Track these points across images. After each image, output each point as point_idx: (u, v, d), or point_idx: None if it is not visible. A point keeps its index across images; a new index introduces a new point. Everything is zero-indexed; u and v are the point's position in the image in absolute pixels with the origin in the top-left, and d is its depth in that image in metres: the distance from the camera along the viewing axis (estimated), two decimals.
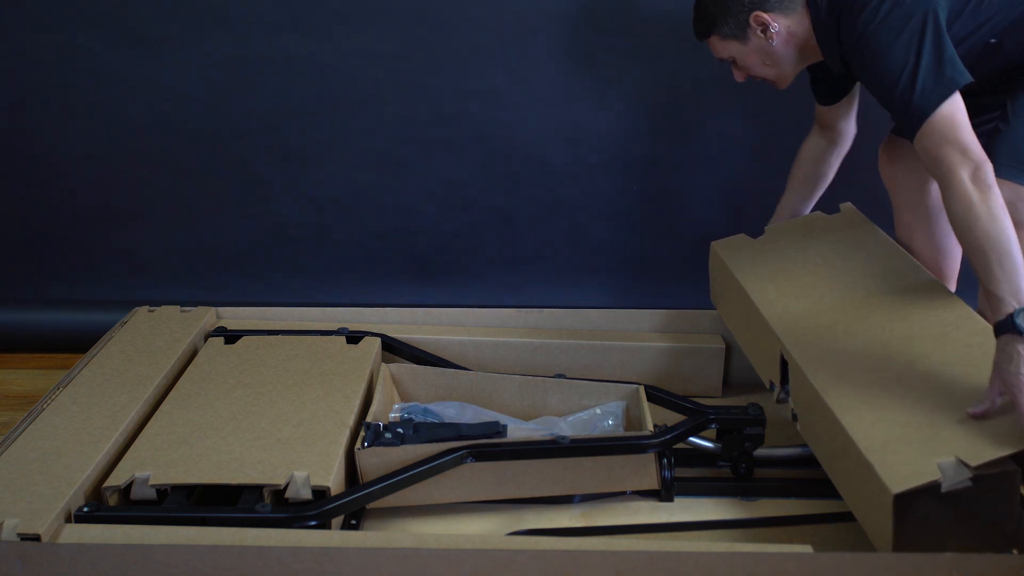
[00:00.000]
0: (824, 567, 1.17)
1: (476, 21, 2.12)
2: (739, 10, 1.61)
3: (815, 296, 1.65)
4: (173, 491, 1.39)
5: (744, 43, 1.65)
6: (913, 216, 1.85)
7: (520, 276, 2.38)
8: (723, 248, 1.88)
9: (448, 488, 1.52)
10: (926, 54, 1.41)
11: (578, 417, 1.71)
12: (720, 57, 1.71)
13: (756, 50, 1.65)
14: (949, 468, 1.21)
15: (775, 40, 1.62)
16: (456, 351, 1.93)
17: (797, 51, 1.65)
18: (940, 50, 1.42)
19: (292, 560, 1.16)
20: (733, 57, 1.69)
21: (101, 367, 1.72)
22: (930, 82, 1.40)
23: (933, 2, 1.44)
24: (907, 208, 1.86)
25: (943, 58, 1.41)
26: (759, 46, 1.64)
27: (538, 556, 1.20)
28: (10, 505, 1.31)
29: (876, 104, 1.79)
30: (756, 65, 1.68)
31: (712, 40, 1.69)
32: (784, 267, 1.75)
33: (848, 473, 1.36)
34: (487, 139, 2.23)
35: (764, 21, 1.61)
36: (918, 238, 1.85)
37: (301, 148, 2.25)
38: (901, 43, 1.43)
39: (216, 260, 2.37)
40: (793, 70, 1.70)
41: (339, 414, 1.57)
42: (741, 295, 1.74)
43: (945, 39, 1.43)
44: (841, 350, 1.50)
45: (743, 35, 1.64)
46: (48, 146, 2.25)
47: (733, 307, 1.83)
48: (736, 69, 1.72)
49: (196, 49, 2.14)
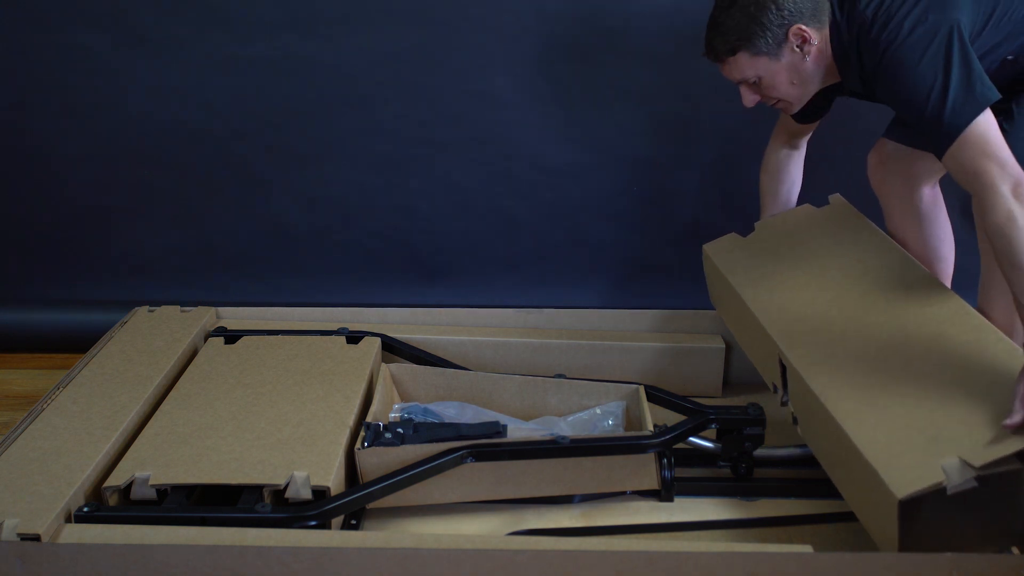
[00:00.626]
0: (824, 567, 1.17)
1: (476, 21, 2.12)
2: (777, 22, 1.52)
3: (809, 297, 1.64)
4: (173, 491, 1.39)
5: (776, 59, 1.56)
6: (905, 221, 1.85)
7: (520, 276, 2.38)
8: (714, 251, 1.87)
9: (448, 488, 1.52)
10: (955, 71, 1.39)
11: (578, 417, 1.71)
12: (737, 78, 1.62)
13: (787, 67, 1.57)
14: (953, 470, 1.20)
15: (809, 56, 1.55)
16: (456, 351, 1.93)
17: (824, 69, 1.59)
18: (968, 66, 1.40)
19: (292, 560, 1.16)
20: (759, 76, 1.59)
21: (101, 367, 1.72)
22: (961, 99, 1.38)
23: (955, 19, 1.42)
24: (898, 213, 1.85)
25: (972, 74, 1.39)
26: (792, 63, 1.56)
27: (538, 556, 1.20)
28: (10, 505, 1.31)
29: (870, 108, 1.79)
30: (783, 85, 1.59)
31: (738, 58, 1.57)
32: (777, 268, 1.75)
33: (852, 478, 1.36)
34: (487, 139, 2.23)
35: (804, 35, 1.52)
36: (910, 243, 1.85)
37: (301, 148, 2.25)
38: (928, 60, 1.41)
39: (216, 260, 2.37)
40: (814, 91, 1.64)
41: (339, 414, 1.57)
42: (736, 299, 1.74)
43: (972, 55, 1.41)
44: (838, 352, 1.49)
45: (777, 51, 1.55)
46: (48, 146, 2.25)
47: (730, 309, 1.83)
48: (749, 91, 1.63)
49: (196, 49, 2.14)
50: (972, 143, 1.38)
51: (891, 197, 1.85)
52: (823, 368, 1.47)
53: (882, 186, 1.86)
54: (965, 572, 1.11)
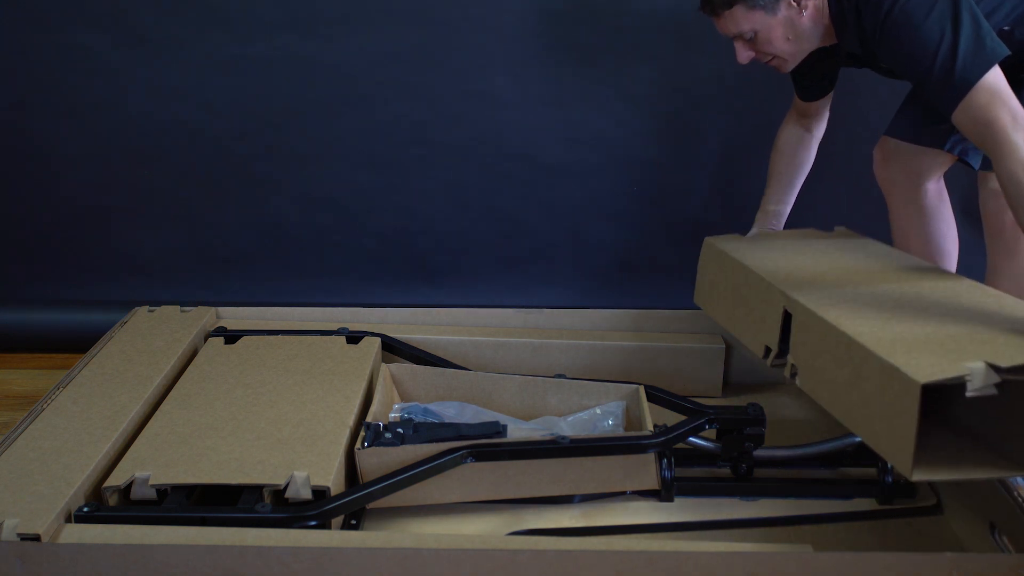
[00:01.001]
0: (824, 567, 1.17)
1: (476, 21, 2.12)
2: None
3: (819, 271, 1.60)
4: (173, 491, 1.39)
5: (772, 15, 1.57)
6: (909, 218, 1.85)
7: (520, 276, 2.38)
8: (717, 240, 1.85)
9: (448, 488, 1.52)
10: (964, 26, 1.40)
11: (578, 417, 1.71)
12: (732, 32, 1.62)
13: (783, 23, 1.58)
14: (978, 372, 1.14)
15: (806, 12, 1.56)
16: (456, 351, 1.93)
17: (821, 28, 1.60)
18: (977, 23, 1.40)
19: (292, 560, 1.16)
20: (754, 30, 1.59)
21: (101, 367, 1.72)
22: (971, 53, 1.39)
23: None
24: (903, 209, 1.86)
25: (981, 29, 1.40)
26: (788, 18, 1.57)
27: (538, 556, 1.20)
28: (10, 505, 1.30)
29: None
30: (778, 40, 1.60)
31: (734, 11, 1.58)
32: (784, 255, 1.71)
33: (863, 397, 1.28)
34: (487, 139, 2.23)
35: None
36: (915, 239, 1.85)
37: (301, 148, 2.25)
38: (934, 18, 1.41)
39: (216, 260, 2.37)
40: (809, 49, 1.64)
41: (339, 414, 1.57)
42: (736, 273, 1.69)
43: (979, 12, 1.41)
44: (851, 299, 1.44)
45: (774, 5, 1.56)
46: (48, 146, 2.25)
47: (724, 295, 1.78)
48: (744, 47, 1.64)
49: (196, 49, 2.15)
50: (984, 95, 1.38)
51: (896, 193, 1.86)
52: (835, 306, 1.41)
53: (887, 182, 1.87)
54: (965, 572, 1.11)
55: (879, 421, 1.25)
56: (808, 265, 1.64)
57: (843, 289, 1.50)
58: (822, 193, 1.93)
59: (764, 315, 1.59)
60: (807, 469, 1.63)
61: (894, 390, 1.20)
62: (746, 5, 1.57)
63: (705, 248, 1.89)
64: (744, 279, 1.67)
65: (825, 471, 1.64)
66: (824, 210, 2.15)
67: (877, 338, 1.28)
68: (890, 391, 1.21)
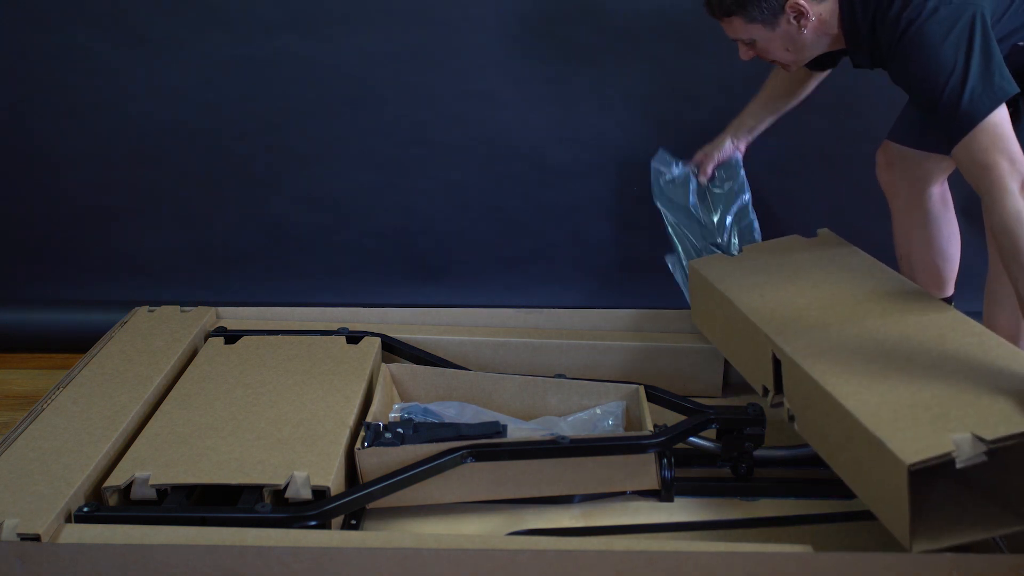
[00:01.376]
0: (824, 567, 1.17)
1: (476, 21, 2.12)
2: None
3: (803, 303, 1.61)
4: (173, 491, 1.39)
5: (771, 29, 1.56)
6: (912, 221, 1.84)
7: (520, 276, 2.38)
8: (701, 265, 1.85)
9: (448, 488, 1.52)
10: (976, 58, 1.37)
11: (578, 417, 1.71)
12: (735, 37, 1.62)
13: (782, 36, 1.57)
14: (964, 443, 1.16)
15: (807, 28, 1.54)
16: (456, 351, 1.93)
17: (826, 39, 1.58)
18: (989, 55, 1.38)
19: (292, 560, 1.16)
20: (753, 40, 1.59)
21: (101, 367, 1.72)
22: (979, 89, 1.36)
23: (980, 4, 1.40)
24: (906, 213, 1.85)
25: (992, 64, 1.37)
26: (787, 33, 1.56)
27: (538, 556, 1.20)
28: (10, 505, 1.30)
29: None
30: (777, 51, 1.60)
31: (733, 21, 1.58)
32: (768, 279, 1.72)
33: (856, 461, 1.31)
34: (487, 139, 2.23)
35: (801, 9, 1.51)
36: (917, 243, 1.85)
37: (301, 148, 2.25)
38: (950, 43, 1.38)
39: (216, 260, 2.37)
40: (812, 56, 1.63)
41: (339, 414, 1.57)
42: (725, 306, 1.71)
43: (993, 44, 1.39)
44: (835, 345, 1.46)
45: (773, 21, 1.55)
46: (48, 146, 2.25)
47: (717, 321, 1.79)
48: (746, 49, 1.63)
49: (196, 49, 2.14)
50: (985, 136, 1.36)
51: (899, 198, 1.85)
52: (821, 357, 1.43)
53: (890, 187, 1.86)
54: (965, 572, 1.11)
55: (875, 488, 1.28)
56: (792, 298, 1.64)
57: (827, 331, 1.51)
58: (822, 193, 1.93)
59: (756, 355, 1.61)
60: (807, 469, 1.63)
61: (885, 465, 1.22)
62: (744, 18, 1.56)
63: (691, 272, 1.89)
64: (732, 314, 1.68)
65: (825, 471, 1.64)
66: (825, 210, 2.15)
67: (863, 401, 1.29)
68: (881, 465, 1.23)
